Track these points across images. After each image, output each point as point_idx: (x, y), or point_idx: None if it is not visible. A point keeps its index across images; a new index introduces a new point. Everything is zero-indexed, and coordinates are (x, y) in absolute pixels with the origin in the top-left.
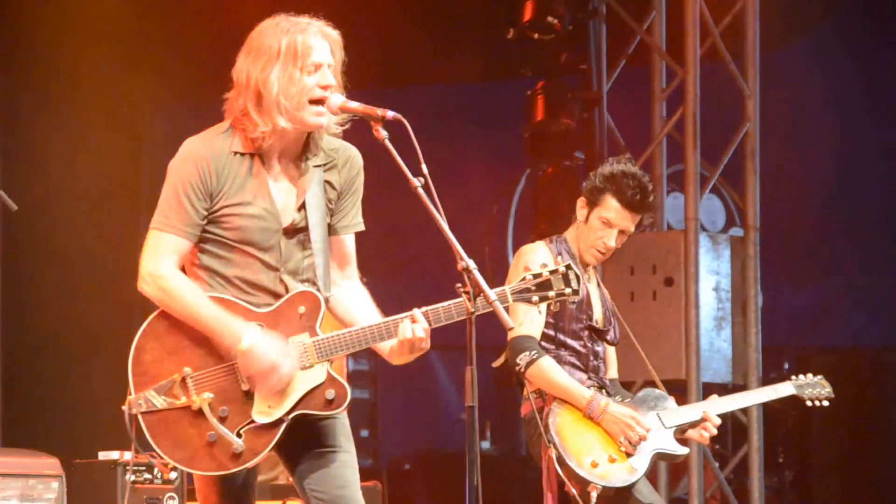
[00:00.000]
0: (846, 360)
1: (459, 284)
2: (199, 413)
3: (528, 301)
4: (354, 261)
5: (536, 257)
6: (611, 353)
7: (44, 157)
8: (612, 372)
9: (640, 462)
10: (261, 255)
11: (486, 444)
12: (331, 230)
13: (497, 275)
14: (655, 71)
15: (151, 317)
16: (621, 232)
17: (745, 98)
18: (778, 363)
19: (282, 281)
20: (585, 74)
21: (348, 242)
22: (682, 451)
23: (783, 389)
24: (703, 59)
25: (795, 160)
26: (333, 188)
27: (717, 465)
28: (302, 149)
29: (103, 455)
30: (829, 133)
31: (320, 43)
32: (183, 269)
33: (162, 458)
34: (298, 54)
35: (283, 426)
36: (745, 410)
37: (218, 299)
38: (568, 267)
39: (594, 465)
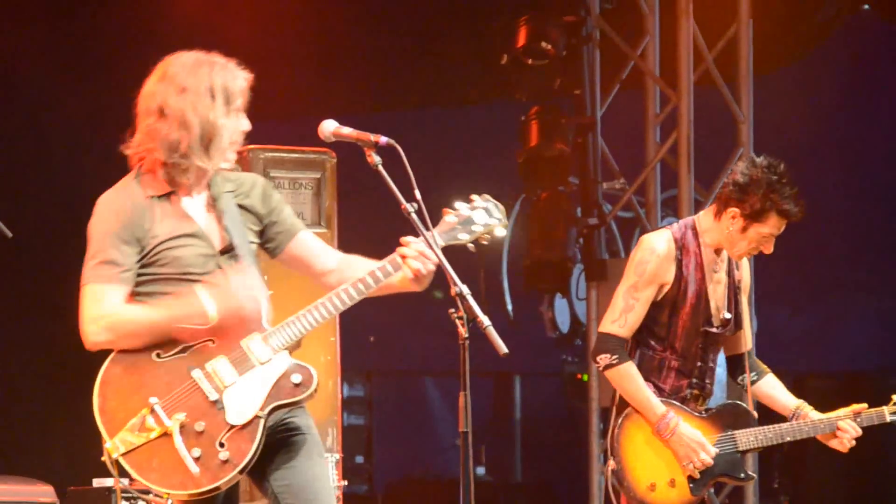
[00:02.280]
0: (843, 384)
1: (452, 310)
2: (182, 434)
3: (456, 240)
4: (325, 246)
5: (652, 244)
6: (745, 325)
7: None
8: (745, 345)
9: (699, 487)
10: (202, 278)
11: (480, 470)
12: (280, 240)
13: (491, 300)
14: (649, 96)
15: (103, 368)
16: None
17: (739, 123)
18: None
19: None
20: (579, 99)
21: (306, 239)
22: (747, 476)
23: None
24: (697, 84)
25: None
26: (249, 211)
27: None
28: (209, 178)
29: (97, 482)
30: (825, 157)
31: (243, 86)
32: None
33: (156, 491)
34: (231, 98)
35: (262, 423)
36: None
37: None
38: (486, 199)
39: (651, 488)
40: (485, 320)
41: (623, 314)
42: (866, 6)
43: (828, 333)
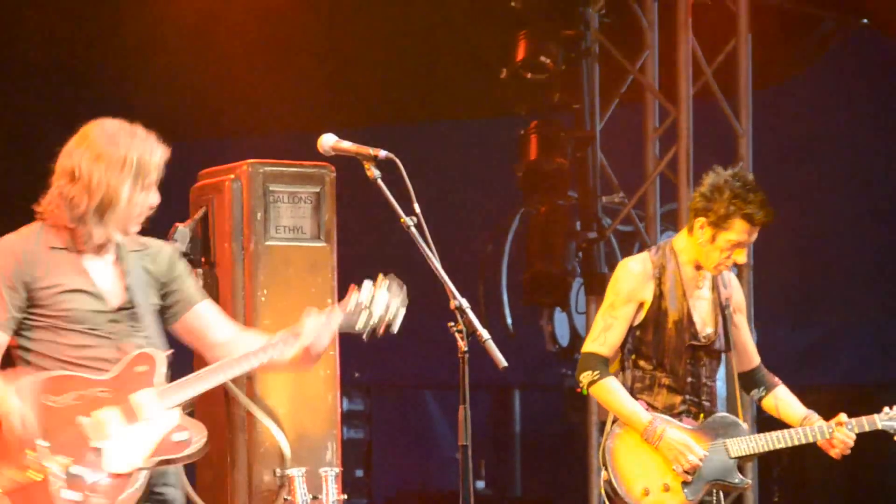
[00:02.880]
0: (841, 398)
1: (452, 323)
2: (55, 482)
3: (353, 329)
4: (223, 319)
5: (626, 264)
6: (744, 342)
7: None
8: (752, 361)
9: (694, 492)
10: (93, 333)
11: (480, 484)
12: (179, 308)
13: (491, 313)
14: (648, 110)
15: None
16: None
17: (738, 137)
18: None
19: (119, 349)
20: (578, 113)
21: (203, 311)
22: (742, 482)
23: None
24: (696, 98)
25: (789, 198)
26: (151, 275)
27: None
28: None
29: None
30: (824, 171)
31: (159, 162)
32: (8, 362)
33: None
34: (144, 173)
35: (142, 475)
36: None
37: (57, 377)
38: (393, 281)
39: (645, 493)
40: (484, 334)
41: (602, 333)
42: (865, 21)
43: (826, 348)
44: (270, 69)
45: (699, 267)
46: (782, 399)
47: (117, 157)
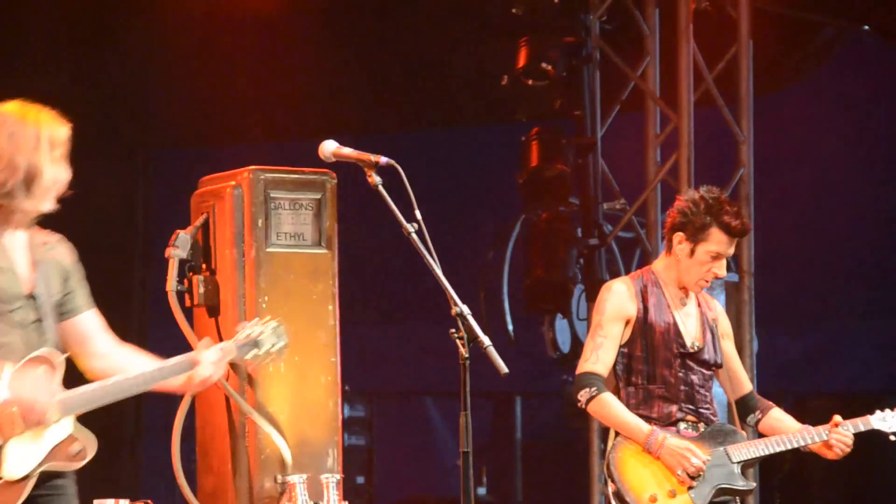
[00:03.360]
0: (843, 405)
1: (453, 330)
2: None
3: (244, 357)
4: (104, 331)
5: (609, 285)
6: (735, 368)
7: None
8: (743, 387)
9: (701, 496)
10: (5, 316)
11: (481, 491)
12: (67, 312)
13: (492, 320)
14: (649, 116)
15: None
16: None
17: (740, 143)
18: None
19: (26, 342)
20: (579, 120)
21: (91, 319)
22: (747, 486)
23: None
24: (697, 105)
25: (790, 206)
26: (57, 269)
27: None
28: (28, 224)
29: (98, 503)
30: (825, 177)
31: (65, 137)
32: None
33: None
34: (55, 146)
35: (32, 482)
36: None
37: None
38: (279, 323)
39: (653, 500)
40: (485, 340)
41: (594, 352)
42: (866, 27)
43: (828, 355)
44: (272, 76)
45: (681, 287)
46: (778, 419)
47: (30, 134)
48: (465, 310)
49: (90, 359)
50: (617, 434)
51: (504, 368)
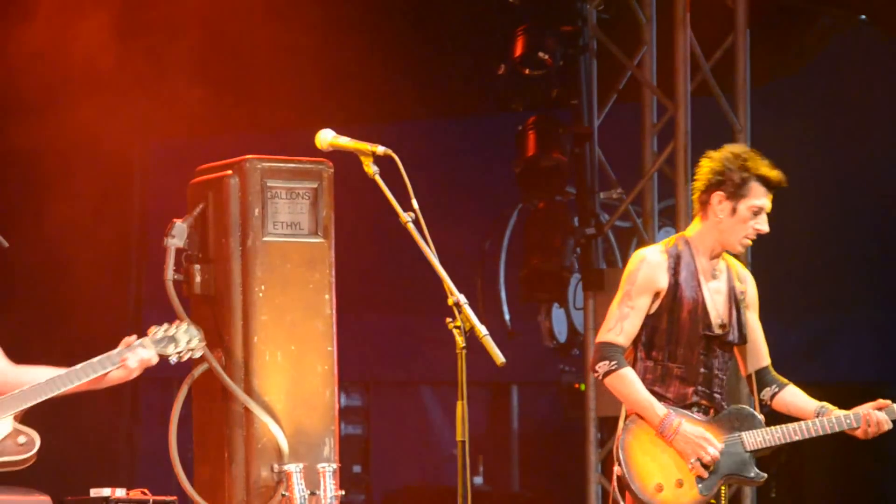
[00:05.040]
0: (839, 396)
1: (450, 319)
2: None
3: (166, 353)
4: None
5: (642, 254)
6: (756, 340)
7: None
8: (761, 360)
9: (708, 487)
10: None
11: (478, 480)
12: None
13: (489, 309)
14: (646, 106)
15: None
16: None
17: (736, 133)
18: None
19: None
20: (576, 109)
21: None
22: (758, 476)
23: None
24: (694, 95)
25: (786, 195)
26: None
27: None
28: None
29: (94, 492)
30: (821, 168)
31: None
32: None
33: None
34: None
35: None
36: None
37: None
38: (188, 323)
39: (659, 489)
40: (482, 330)
41: (618, 322)
42: (863, 17)
43: (824, 345)
44: (268, 66)
45: (715, 257)
46: (794, 394)
47: None
48: (462, 299)
49: None
50: (628, 416)
51: (501, 358)
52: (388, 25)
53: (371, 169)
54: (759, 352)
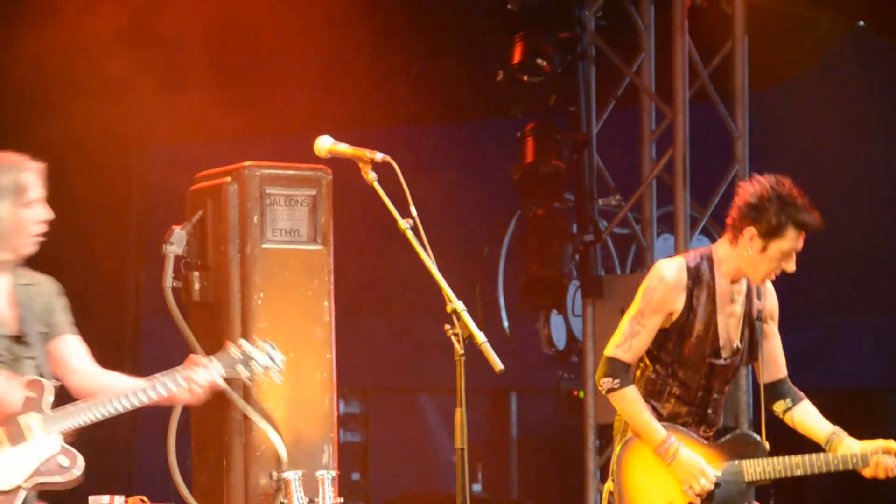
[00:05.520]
0: (838, 402)
1: (448, 326)
2: None
3: (235, 372)
4: (83, 351)
5: (661, 271)
6: (773, 352)
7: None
8: (777, 372)
9: None
10: None
11: (477, 487)
12: (49, 337)
13: (487, 316)
14: (644, 112)
15: None
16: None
17: (735, 139)
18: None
19: (11, 372)
20: (575, 116)
21: (70, 341)
22: None
23: None
24: (692, 101)
25: None
26: (39, 306)
27: None
28: (11, 268)
29: (93, 500)
30: (820, 174)
31: (34, 181)
32: None
33: None
34: (20, 192)
35: (22, 494)
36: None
37: None
38: (270, 344)
39: None
40: (481, 337)
41: (628, 339)
42: (862, 23)
43: (823, 352)
44: (268, 72)
45: (735, 280)
46: (808, 413)
47: None
48: (461, 306)
49: (70, 376)
50: (626, 433)
51: (499, 365)
52: (386, 31)
53: (369, 175)
54: (776, 363)
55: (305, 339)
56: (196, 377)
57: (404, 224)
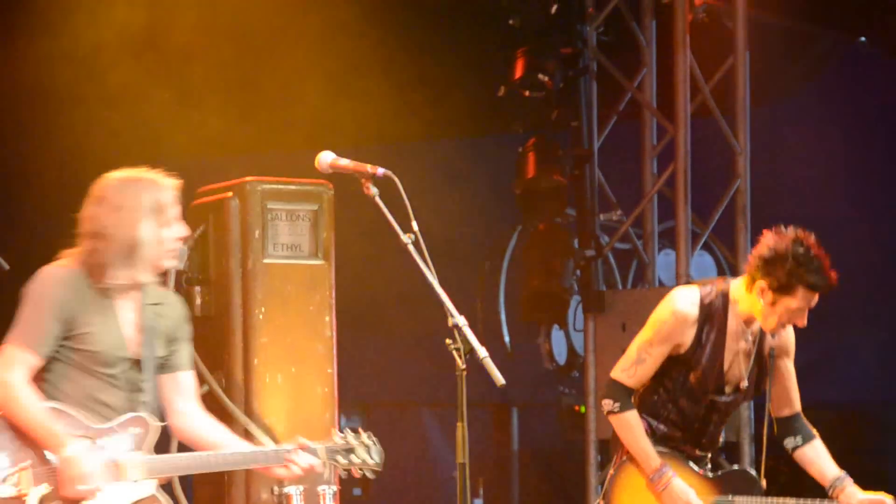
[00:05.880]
0: (842, 417)
1: (449, 341)
2: None
3: (335, 462)
4: (195, 394)
5: (675, 304)
6: (787, 387)
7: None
8: (790, 407)
9: None
10: (108, 378)
11: (478, 502)
12: (167, 367)
13: (488, 331)
14: (646, 128)
15: None
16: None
17: (736, 154)
18: (771, 419)
19: (128, 401)
20: (576, 131)
21: (184, 380)
22: None
23: None
24: (694, 116)
25: (787, 217)
26: (163, 329)
27: None
28: (139, 288)
29: None
30: (821, 189)
31: (172, 198)
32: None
33: None
34: (160, 211)
35: None
36: (737, 463)
37: (55, 409)
38: (373, 440)
39: None
40: (482, 351)
41: (634, 365)
42: (862, 39)
43: (826, 366)
44: (269, 88)
45: (749, 322)
46: (816, 453)
47: (133, 205)
48: (462, 321)
49: (174, 415)
50: (623, 455)
51: (500, 379)
52: (387, 47)
53: (371, 191)
54: (790, 398)
55: (307, 354)
56: (299, 461)
57: (406, 239)
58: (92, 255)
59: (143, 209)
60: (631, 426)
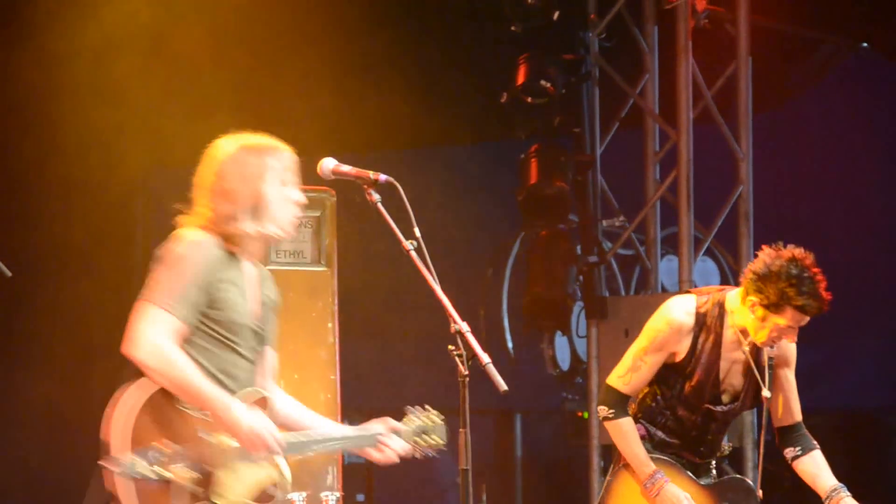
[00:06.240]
0: (841, 422)
1: (452, 347)
2: (179, 489)
3: (416, 443)
4: (275, 368)
5: (670, 313)
6: (788, 398)
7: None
8: (790, 418)
9: None
10: (238, 347)
11: None
12: (262, 342)
13: (491, 337)
14: (648, 134)
15: (154, 391)
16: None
17: (739, 160)
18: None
19: (250, 373)
20: (579, 137)
21: (272, 355)
22: None
23: None
24: (696, 122)
25: (789, 223)
26: (272, 301)
27: None
28: (262, 256)
29: None
30: (823, 195)
31: (290, 161)
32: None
33: None
34: (282, 172)
35: None
36: (739, 472)
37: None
38: (441, 420)
39: None
40: (485, 358)
41: (629, 372)
42: (865, 44)
43: (826, 372)
44: (271, 94)
45: (746, 332)
46: (815, 464)
47: (257, 165)
48: (465, 327)
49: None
50: (620, 461)
51: (503, 386)
52: (390, 54)
53: (373, 197)
54: (790, 409)
55: (309, 361)
56: (394, 445)
57: (408, 245)
58: (220, 215)
59: (268, 168)
60: (625, 432)
